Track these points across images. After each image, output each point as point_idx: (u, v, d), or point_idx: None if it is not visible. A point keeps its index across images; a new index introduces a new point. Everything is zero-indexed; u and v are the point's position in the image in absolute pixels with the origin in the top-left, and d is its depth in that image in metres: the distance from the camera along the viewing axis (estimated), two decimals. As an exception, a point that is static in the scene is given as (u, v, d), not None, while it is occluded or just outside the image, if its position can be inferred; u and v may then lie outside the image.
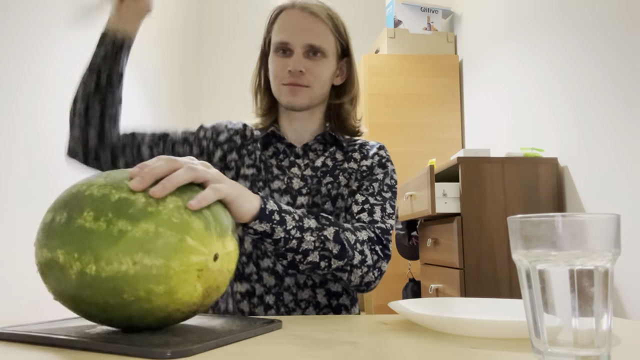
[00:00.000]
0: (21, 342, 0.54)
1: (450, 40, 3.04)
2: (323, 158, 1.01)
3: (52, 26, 1.82)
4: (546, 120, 2.01)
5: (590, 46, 1.73)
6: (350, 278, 0.83)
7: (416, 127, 2.90)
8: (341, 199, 0.97)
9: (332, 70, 1.00)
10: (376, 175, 0.99)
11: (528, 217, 0.41)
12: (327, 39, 0.97)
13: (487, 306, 0.72)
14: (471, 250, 1.79)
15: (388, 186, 0.98)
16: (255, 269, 0.93)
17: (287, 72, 0.95)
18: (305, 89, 0.96)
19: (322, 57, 0.97)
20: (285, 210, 0.76)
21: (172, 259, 0.51)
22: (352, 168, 1.00)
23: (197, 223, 0.53)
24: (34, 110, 1.70)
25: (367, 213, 0.92)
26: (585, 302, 0.39)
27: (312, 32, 0.95)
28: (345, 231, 0.82)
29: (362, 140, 1.07)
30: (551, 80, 1.98)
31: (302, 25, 0.95)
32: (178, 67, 3.30)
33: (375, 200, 0.95)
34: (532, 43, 2.15)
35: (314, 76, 0.96)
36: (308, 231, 0.77)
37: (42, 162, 1.73)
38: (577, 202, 1.79)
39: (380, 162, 1.01)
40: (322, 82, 0.98)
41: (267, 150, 1.02)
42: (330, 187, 0.97)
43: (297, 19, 0.96)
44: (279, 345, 0.52)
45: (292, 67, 0.94)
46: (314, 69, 0.96)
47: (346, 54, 1.03)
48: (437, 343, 0.53)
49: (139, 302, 0.51)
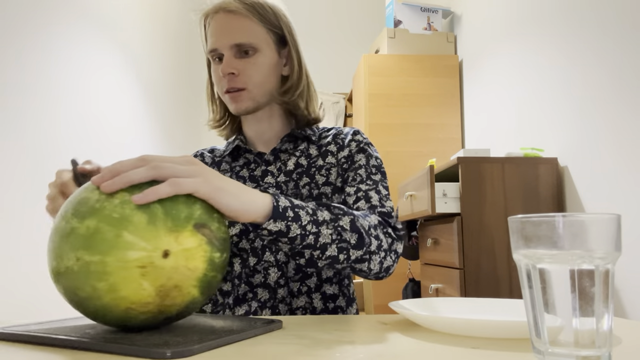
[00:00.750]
0: (21, 342, 0.54)
1: (450, 40, 3.04)
2: (295, 158, 0.98)
3: (53, 26, 1.82)
4: (546, 120, 2.01)
5: (589, 46, 1.73)
6: (370, 266, 0.79)
7: (416, 127, 2.90)
8: (325, 198, 0.94)
9: (270, 62, 0.95)
10: (358, 161, 0.96)
11: (529, 217, 0.41)
12: (252, 33, 0.93)
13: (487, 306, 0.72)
14: (471, 250, 1.79)
15: (375, 167, 0.95)
16: (248, 288, 0.91)
17: (223, 79, 0.93)
18: (243, 92, 0.93)
19: (254, 53, 0.93)
20: (297, 205, 0.71)
21: (107, 255, 0.49)
22: (330, 163, 0.97)
23: (138, 217, 0.51)
24: (35, 110, 1.70)
25: (364, 200, 0.90)
26: (586, 302, 0.39)
27: (235, 31, 0.92)
28: (359, 218, 0.78)
29: (335, 129, 1.04)
30: (551, 80, 1.98)
31: (224, 27, 0.92)
32: (178, 70, 3.30)
33: (367, 185, 0.92)
34: (532, 43, 2.15)
35: (248, 76, 0.93)
36: (324, 224, 0.72)
37: (42, 162, 1.73)
38: (577, 202, 1.79)
39: (358, 147, 0.98)
40: (261, 80, 0.94)
41: (238, 161, 1.01)
42: (309, 187, 0.94)
43: (219, 22, 0.93)
44: (279, 345, 0.52)
45: (221, 70, 0.92)
46: (247, 68, 0.92)
47: (286, 43, 0.98)
48: (437, 343, 0.53)
49: (91, 299, 0.51)
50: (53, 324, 0.61)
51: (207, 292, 0.57)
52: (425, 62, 2.96)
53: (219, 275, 0.58)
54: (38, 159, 1.71)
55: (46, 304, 1.72)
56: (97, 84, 2.16)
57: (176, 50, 3.27)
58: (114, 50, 2.35)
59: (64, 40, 1.90)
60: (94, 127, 2.12)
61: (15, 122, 1.60)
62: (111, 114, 2.30)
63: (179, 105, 3.29)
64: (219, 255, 0.57)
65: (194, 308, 0.57)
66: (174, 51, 3.23)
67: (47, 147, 1.77)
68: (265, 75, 0.95)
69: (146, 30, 2.76)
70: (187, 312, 0.57)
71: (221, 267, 0.58)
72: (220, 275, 0.58)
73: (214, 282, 0.57)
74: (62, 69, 1.87)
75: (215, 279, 0.57)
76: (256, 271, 0.91)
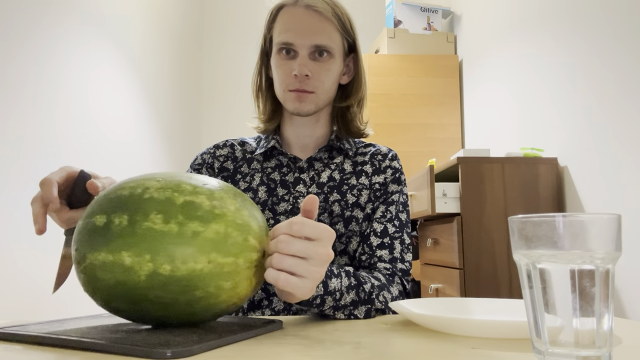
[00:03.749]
0: (21, 342, 0.54)
1: (450, 40, 3.04)
2: (329, 171, 0.96)
3: (53, 26, 1.82)
4: (546, 120, 2.01)
5: (589, 46, 1.73)
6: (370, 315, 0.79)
7: (416, 127, 2.90)
8: (355, 222, 0.92)
9: (339, 70, 0.95)
10: (392, 195, 0.95)
11: (529, 217, 0.41)
12: (333, 38, 0.91)
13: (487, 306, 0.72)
14: (471, 250, 1.79)
15: (403, 204, 0.96)
16: (264, 295, 0.91)
17: (292, 77, 0.90)
18: (311, 95, 0.91)
19: (329, 58, 0.92)
20: (329, 291, 0.70)
21: (239, 257, 0.56)
22: (363, 184, 0.95)
23: (254, 223, 0.59)
24: (35, 110, 1.70)
25: (388, 250, 0.90)
26: (586, 302, 0.39)
27: (318, 32, 0.89)
28: (379, 293, 0.78)
29: (372, 147, 1.02)
30: (551, 80, 1.98)
31: (306, 25, 0.89)
32: (178, 71, 3.30)
33: (394, 227, 0.92)
34: (532, 43, 2.15)
35: (320, 81, 0.91)
36: (341, 309, 0.73)
37: (42, 162, 1.73)
38: (577, 202, 1.79)
39: (394, 176, 0.97)
40: (329, 86, 0.94)
41: (270, 162, 0.98)
42: (339, 206, 0.93)
43: (301, 17, 0.90)
44: (279, 345, 0.52)
45: (297, 71, 0.89)
46: (320, 73, 0.91)
47: (353, 50, 0.98)
48: (437, 343, 0.53)
49: (207, 298, 0.55)
50: (53, 324, 0.61)
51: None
52: (425, 62, 2.96)
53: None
54: (38, 159, 1.71)
55: (46, 304, 1.72)
56: (96, 84, 2.16)
57: (176, 51, 3.27)
58: (114, 51, 2.35)
59: (64, 40, 1.90)
60: (94, 127, 2.12)
61: (15, 122, 1.60)
62: (111, 114, 2.30)
63: (179, 105, 3.29)
64: None
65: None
66: (175, 51, 3.23)
67: (47, 147, 1.77)
68: (333, 82, 0.94)
69: (146, 30, 2.76)
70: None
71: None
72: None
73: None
74: (62, 69, 1.87)
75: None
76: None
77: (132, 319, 0.58)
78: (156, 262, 0.52)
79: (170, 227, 0.53)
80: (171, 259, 0.52)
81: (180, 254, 0.53)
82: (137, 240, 0.53)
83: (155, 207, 0.54)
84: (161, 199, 0.55)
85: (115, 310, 0.56)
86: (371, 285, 0.78)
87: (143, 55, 2.70)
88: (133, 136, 2.55)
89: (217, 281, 0.55)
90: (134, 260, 0.52)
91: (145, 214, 0.54)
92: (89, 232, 0.55)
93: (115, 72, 2.36)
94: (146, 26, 2.76)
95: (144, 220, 0.53)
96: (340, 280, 0.73)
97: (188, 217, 0.54)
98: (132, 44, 2.56)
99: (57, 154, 1.82)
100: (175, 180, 0.58)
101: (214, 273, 0.54)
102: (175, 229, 0.53)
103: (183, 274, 0.53)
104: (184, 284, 0.53)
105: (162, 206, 0.54)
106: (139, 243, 0.52)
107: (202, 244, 0.54)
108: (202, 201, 0.56)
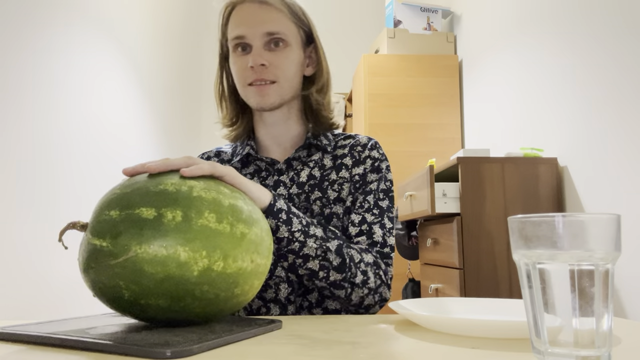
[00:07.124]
0: (21, 342, 0.54)
1: (450, 40, 3.04)
2: (308, 169, 0.94)
3: (53, 27, 1.82)
4: (546, 120, 2.01)
5: (589, 46, 1.73)
6: (351, 297, 0.80)
7: (416, 127, 2.90)
8: (336, 219, 0.90)
9: (298, 60, 0.93)
10: (370, 184, 0.92)
11: (529, 217, 0.41)
12: (286, 26, 0.90)
13: (487, 306, 0.72)
14: (471, 250, 1.79)
15: (384, 192, 0.93)
16: (262, 303, 0.91)
17: (249, 70, 0.88)
18: (273, 86, 0.89)
19: (285, 46, 0.89)
20: (293, 212, 0.75)
21: (268, 259, 0.63)
22: (344, 177, 0.93)
23: (268, 226, 0.66)
24: (35, 110, 1.70)
25: (366, 236, 0.88)
26: (585, 302, 0.39)
27: (268, 21, 0.88)
28: (350, 248, 0.80)
29: (352, 139, 0.99)
30: (551, 79, 1.98)
31: (256, 16, 0.88)
32: (178, 70, 3.30)
33: (373, 216, 0.89)
34: (531, 43, 2.15)
35: (280, 69, 0.89)
36: (312, 238, 0.76)
37: (42, 162, 1.73)
38: (576, 202, 1.79)
39: (373, 165, 0.94)
40: (291, 75, 0.91)
41: (248, 168, 0.96)
42: (320, 203, 0.91)
43: (250, 10, 0.89)
44: (279, 345, 0.52)
45: (252, 61, 0.87)
46: (278, 61, 0.89)
47: (311, 40, 0.96)
48: (437, 343, 0.53)
49: (240, 295, 0.59)
50: (53, 324, 0.61)
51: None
52: (425, 62, 2.96)
53: None
54: (38, 159, 1.71)
55: (46, 304, 1.72)
56: (97, 84, 2.16)
57: (177, 51, 3.27)
58: (114, 51, 2.35)
59: (64, 40, 1.90)
60: (94, 127, 2.12)
61: (16, 122, 1.60)
62: (111, 114, 2.30)
63: (179, 105, 3.29)
64: None
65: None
66: (175, 51, 3.23)
67: (47, 147, 1.77)
68: (295, 72, 0.92)
69: (147, 30, 2.76)
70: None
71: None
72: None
73: None
74: (62, 69, 1.87)
75: None
76: (268, 286, 0.90)
77: (140, 318, 0.57)
78: (211, 258, 0.54)
79: (223, 227, 0.56)
80: (225, 257, 0.55)
81: (232, 252, 0.56)
82: (193, 236, 0.54)
83: (207, 206, 0.56)
84: (209, 198, 0.57)
85: (138, 307, 0.55)
86: (340, 236, 0.82)
87: (143, 55, 2.70)
88: (133, 136, 2.55)
89: (253, 280, 0.60)
90: (190, 255, 0.53)
91: (199, 212, 0.55)
92: (134, 223, 0.53)
93: (115, 72, 2.36)
94: (146, 26, 2.76)
95: (199, 217, 0.55)
96: (301, 215, 0.78)
97: (236, 219, 0.58)
98: (132, 44, 2.56)
99: (57, 154, 1.82)
100: (214, 182, 0.62)
101: (253, 272, 0.59)
102: (227, 228, 0.56)
103: (232, 271, 0.56)
104: (230, 280, 0.56)
105: (213, 206, 0.57)
106: (195, 239, 0.54)
107: (247, 245, 0.58)
108: (242, 206, 0.61)
